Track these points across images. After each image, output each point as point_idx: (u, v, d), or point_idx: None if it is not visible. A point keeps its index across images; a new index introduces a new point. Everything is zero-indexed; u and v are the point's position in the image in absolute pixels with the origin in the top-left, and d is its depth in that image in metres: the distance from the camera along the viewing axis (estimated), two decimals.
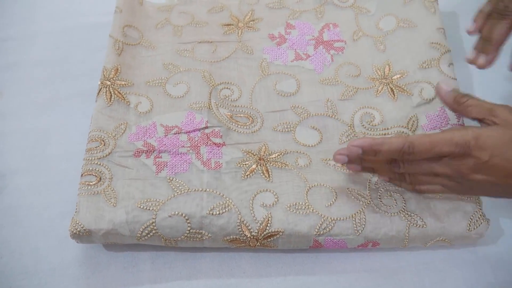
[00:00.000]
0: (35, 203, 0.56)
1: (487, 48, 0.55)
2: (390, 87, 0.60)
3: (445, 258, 0.54)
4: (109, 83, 0.58)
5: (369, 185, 0.53)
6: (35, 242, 0.54)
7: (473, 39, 0.69)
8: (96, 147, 0.54)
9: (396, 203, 0.52)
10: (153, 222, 0.50)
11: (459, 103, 0.48)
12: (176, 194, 0.51)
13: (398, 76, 0.60)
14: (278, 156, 0.55)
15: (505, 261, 0.54)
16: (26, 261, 0.53)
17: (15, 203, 0.56)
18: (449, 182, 0.47)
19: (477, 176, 0.44)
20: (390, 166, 0.50)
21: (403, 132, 0.57)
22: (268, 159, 0.55)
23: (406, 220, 0.51)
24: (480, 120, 0.47)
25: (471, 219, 0.51)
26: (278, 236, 0.50)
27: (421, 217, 0.51)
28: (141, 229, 0.50)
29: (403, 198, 0.52)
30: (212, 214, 0.50)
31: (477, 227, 0.51)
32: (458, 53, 0.68)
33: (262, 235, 0.50)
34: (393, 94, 0.59)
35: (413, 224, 0.51)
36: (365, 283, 0.52)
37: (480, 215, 0.52)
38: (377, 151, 0.46)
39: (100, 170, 0.53)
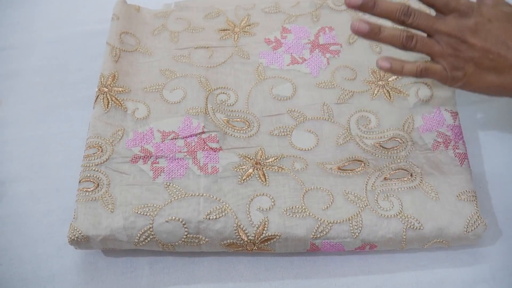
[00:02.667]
0: (34, 210, 0.57)
1: None
2: (386, 89, 0.60)
3: (443, 260, 0.53)
4: (106, 89, 0.58)
5: (366, 187, 0.53)
6: (35, 249, 0.55)
7: None
8: (94, 153, 0.54)
9: (393, 205, 0.52)
10: (150, 228, 0.50)
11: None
12: (173, 199, 0.51)
13: (394, 78, 0.60)
14: (275, 161, 0.55)
15: (503, 262, 0.53)
16: (25, 268, 0.54)
17: (14, 211, 0.57)
18: (447, 50, 0.48)
19: (474, 39, 0.47)
20: (399, 21, 0.50)
21: (399, 134, 0.57)
22: (265, 164, 0.55)
23: (403, 222, 0.51)
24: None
25: (469, 221, 0.51)
26: (275, 240, 0.50)
27: (418, 219, 0.51)
28: (138, 235, 0.50)
29: (400, 200, 0.52)
30: (209, 218, 0.50)
31: (474, 228, 0.51)
32: None
33: (259, 239, 0.50)
34: (389, 96, 0.59)
35: (410, 226, 0.51)
36: (363, 285, 0.52)
37: (478, 216, 0.52)
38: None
39: (97, 177, 0.53)
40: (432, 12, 0.51)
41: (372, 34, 0.49)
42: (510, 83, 0.48)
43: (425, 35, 0.50)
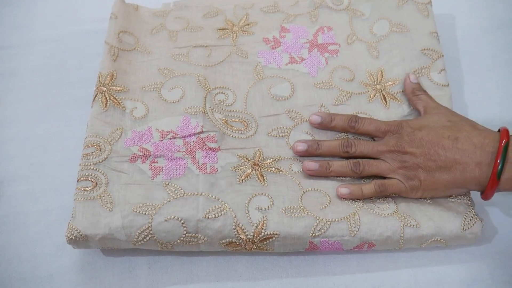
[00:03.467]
0: (32, 209, 0.57)
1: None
2: (382, 94, 0.60)
3: (442, 259, 0.54)
4: (104, 89, 0.58)
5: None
6: (33, 248, 0.54)
7: (469, 40, 0.70)
8: (92, 152, 0.54)
9: (389, 205, 0.53)
10: (149, 227, 0.50)
11: (414, 93, 0.58)
12: (171, 198, 0.51)
13: (390, 83, 0.61)
14: (272, 162, 0.55)
15: (501, 261, 0.54)
16: (23, 268, 0.53)
17: (12, 210, 0.57)
18: (393, 162, 0.53)
19: (412, 148, 0.52)
20: (343, 153, 0.55)
21: None
22: (263, 165, 0.55)
23: (399, 220, 0.51)
24: (419, 113, 0.57)
25: (465, 218, 0.52)
26: (273, 238, 0.50)
27: (414, 218, 0.52)
28: (137, 234, 0.50)
29: (395, 202, 0.53)
30: (208, 217, 0.50)
31: (471, 226, 0.51)
32: (453, 55, 0.68)
33: (258, 237, 0.50)
34: (385, 101, 0.60)
35: (407, 224, 0.51)
36: (361, 285, 0.52)
37: (473, 214, 0.52)
38: (332, 119, 0.56)
39: (96, 176, 0.53)
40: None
41: (323, 170, 0.54)
42: (460, 178, 0.50)
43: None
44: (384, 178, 0.54)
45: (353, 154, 0.54)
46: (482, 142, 0.50)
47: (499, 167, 0.48)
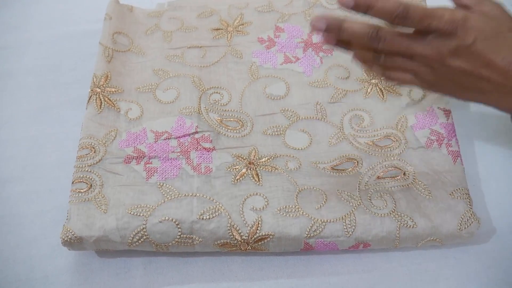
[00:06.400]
0: (27, 211, 0.57)
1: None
2: (379, 88, 0.60)
3: (437, 258, 0.54)
4: (99, 90, 0.58)
5: (359, 186, 0.53)
6: (28, 250, 0.54)
7: None
8: (87, 154, 0.54)
9: (386, 204, 0.52)
10: (143, 228, 0.50)
11: None
12: (166, 199, 0.51)
13: None
14: (268, 160, 0.55)
15: (497, 260, 0.54)
16: (19, 269, 0.53)
17: (7, 212, 0.57)
18: (423, 68, 0.46)
19: (455, 62, 0.44)
20: (368, 45, 0.46)
21: (392, 133, 0.57)
22: (258, 163, 0.55)
23: (396, 220, 0.51)
24: (467, 8, 0.45)
25: (462, 219, 0.51)
26: (268, 239, 0.50)
27: (412, 218, 0.51)
28: (132, 235, 0.50)
29: (393, 198, 0.52)
30: (203, 218, 0.50)
31: (468, 226, 0.51)
32: None
33: (253, 238, 0.50)
34: (382, 95, 0.59)
35: (404, 224, 0.51)
36: (357, 284, 0.52)
37: (471, 214, 0.52)
38: (370, 7, 0.43)
39: (90, 177, 0.53)
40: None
41: (333, 28, 0.46)
42: (493, 103, 0.46)
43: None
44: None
45: (380, 50, 0.46)
46: None
47: None
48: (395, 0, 0.43)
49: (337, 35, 0.45)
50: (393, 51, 0.46)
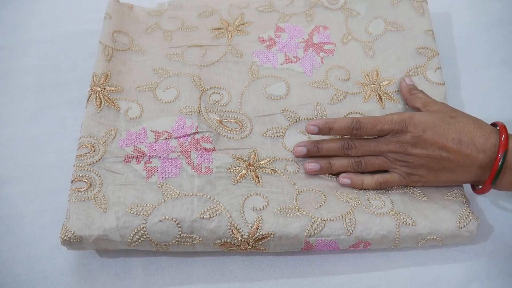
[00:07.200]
0: (26, 211, 0.56)
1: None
2: (378, 93, 0.60)
3: (437, 258, 0.53)
4: (99, 89, 0.58)
5: (356, 190, 0.54)
6: (27, 250, 0.54)
7: (465, 38, 0.70)
8: (86, 153, 0.54)
9: (385, 204, 0.52)
10: (143, 227, 0.50)
11: (410, 93, 0.57)
12: (166, 199, 0.51)
13: (386, 83, 0.61)
14: (267, 163, 0.55)
15: (497, 259, 0.53)
16: (18, 270, 0.53)
17: (6, 212, 0.56)
18: (397, 162, 0.53)
19: (416, 150, 0.51)
20: (344, 155, 0.55)
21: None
22: (258, 165, 0.55)
23: (395, 219, 0.51)
24: (419, 110, 0.56)
25: (460, 217, 0.52)
26: (269, 238, 0.50)
27: (410, 216, 0.51)
28: (131, 235, 0.50)
29: (391, 200, 0.53)
30: (203, 218, 0.50)
31: (466, 224, 0.51)
32: (448, 54, 0.68)
33: (253, 238, 0.50)
34: (381, 101, 0.60)
35: (403, 222, 0.51)
36: (357, 284, 0.52)
37: (469, 212, 0.52)
38: (331, 128, 0.54)
39: (90, 176, 0.53)
40: None
41: (324, 170, 0.55)
42: (463, 178, 0.52)
43: None
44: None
45: (354, 155, 0.54)
46: (484, 145, 0.50)
47: (494, 178, 0.50)
48: (347, 118, 0.54)
49: (317, 154, 0.55)
50: (365, 154, 0.54)
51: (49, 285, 0.52)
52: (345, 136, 0.55)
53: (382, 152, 0.53)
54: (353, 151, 0.54)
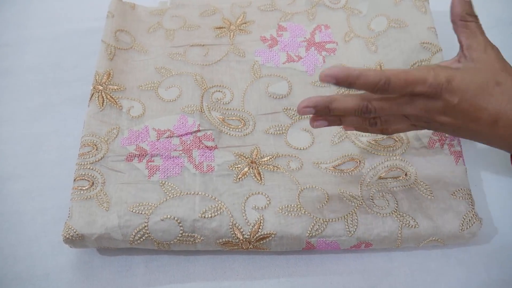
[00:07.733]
0: (28, 208, 0.56)
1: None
2: None
3: (438, 258, 0.54)
4: (101, 87, 0.58)
5: (361, 186, 0.53)
6: (29, 247, 0.54)
7: None
8: (89, 151, 0.54)
9: (388, 204, 0.52)
10: (145, 226, 0.50)
11: (463, 18, 0.48)
12: (168, 197, 0.51)
13: None
14: (270, 160, 0.55)
15: (499, 260, 0.53)
16: (20, 267, 0.53)
17: (8, 209, 0.56)
18: (417, 122, 0.47)
19: (444, 118, 0.45)
20: (360, 116, 0.46)
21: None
22: (260, 162, 0.55)
23: (398, 220, 0.51)
24: (461, 47, 0.47)
25: (464, 219, 0.51)
26: (270, 238, 0.50)
27: (414, 218, 0.51)
28: (133, 233, 0.50)
29: (395, 199, 0.52)
30: (204, 217, 0.50)
31: (469, 226, 0.51)
32: (450, 52, 0.68)
33: (255, 237, 0.50)
34: None
35: (406, 224, 0.51)
36: (358, 284, 0.52)
37: (473, 214, 0.52)
38: (352, 83, 0.43)
39: (92, 175, 0.53)
40: None
41: (333, 124, 0.47)
42: (488, 142, 0.48)
43: None
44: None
45: (372, 118, 0.47)
46: None
47: None
48: (375, 73, 0.42)
49: (327, 115, 0.46)
50: (386, 114, 0.46)
51: (50, 283, 0.52)
52: (359, 92, 0.45)
53: (406, 114, 0.46)
54: (372, 115, 0.45)
